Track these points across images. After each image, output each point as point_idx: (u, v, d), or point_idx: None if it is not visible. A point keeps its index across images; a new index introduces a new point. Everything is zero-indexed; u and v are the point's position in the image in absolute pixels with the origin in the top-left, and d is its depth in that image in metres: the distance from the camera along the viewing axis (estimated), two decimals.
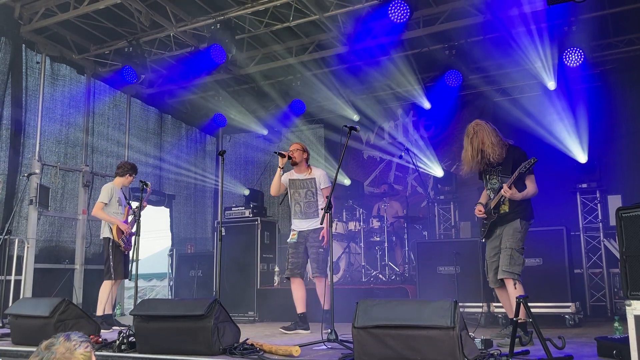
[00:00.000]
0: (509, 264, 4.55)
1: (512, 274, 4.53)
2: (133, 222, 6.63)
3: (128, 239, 6.57)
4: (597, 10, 7.49)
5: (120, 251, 6.55)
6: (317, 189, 6.07)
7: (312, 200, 6.06)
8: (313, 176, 6.11)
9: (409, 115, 10.67)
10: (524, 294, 4.15)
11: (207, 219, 11.85)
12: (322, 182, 6.08)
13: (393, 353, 3.27)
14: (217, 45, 7.80)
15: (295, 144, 6.29)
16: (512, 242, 4.60)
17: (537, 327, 3.60)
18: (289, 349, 3.92)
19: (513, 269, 4.53)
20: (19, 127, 7.95)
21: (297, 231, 6.07)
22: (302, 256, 6.02)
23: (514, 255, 4.55)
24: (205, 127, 11.53)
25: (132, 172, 6.87)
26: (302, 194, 6.10)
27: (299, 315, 5.96)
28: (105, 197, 6.57)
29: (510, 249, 4.58)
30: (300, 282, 6.03)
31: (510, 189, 4.53)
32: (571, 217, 7.84)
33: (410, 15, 6.83)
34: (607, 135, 8.60)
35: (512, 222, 4.66)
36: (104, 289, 6.53)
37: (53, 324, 4.66)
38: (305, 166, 6.18)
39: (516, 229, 4.63)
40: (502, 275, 4.59)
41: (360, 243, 8.28)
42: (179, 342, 4.05)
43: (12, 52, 7.91)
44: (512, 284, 4.54)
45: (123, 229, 6.52)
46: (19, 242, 7.59)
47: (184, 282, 9.07)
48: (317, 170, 6.20)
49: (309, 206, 6.06)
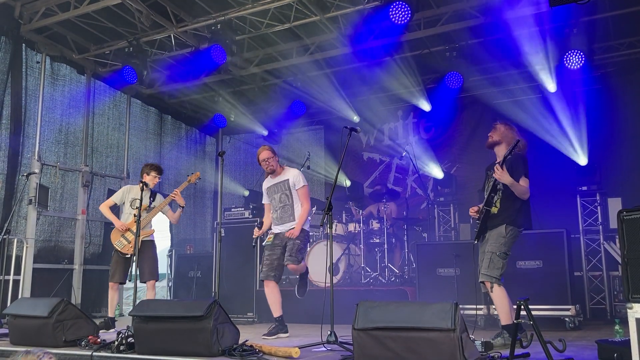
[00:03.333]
0: (487, 267, 4.60)
1: (490, 277, 4.57)
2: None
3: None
4: (598, 12, 7.49)
5: (118, 254, 6.29)
6: (290, 190, 5.81)
7: (288, 204, 5.81)
8: (286, 177, 5.86)
9: (409, 116, 10.66)
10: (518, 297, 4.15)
11: (206, 220, 11.84)
12: (296, 183, 5.80)
13: (393, 355, 3.25)
14: (217, 46, 7.79)
15: (265, 150, 5.87)
16: (495, 246, 4.64)
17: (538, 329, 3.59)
18: (289, 350, 3.91)
19: (491, 272, 4.58)
20: (18, 127, 7.93)
21: (274, 233, 5.87)
22: (279, 258, 5.75)
23: (493, 259, 4.59)
24: (205, 127, 11.53)
25: (149, 170, 6.48)
26: (277, 198, 5.87)
27: (276, 319, 5.77)
28: (116, 196, 6.47)
29: (491, 252, 4.62)
30: (274, 286, 5.75)
31: (502, 169, 4.55)
32: (571, 220, 7.83)
33: (411, 16, 6.81)
34: (608, 138, 8.59)
35: (498, 227, 4.69)
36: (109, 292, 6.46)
37: (52, 324, 4.64)
38: (279, 169, 5.92)
39: (500, 234, 4.66)
40: (481, 278, 4.66)
41: (359, 244, 8.26)
42: (178, 343, 4.04)
43: (12, 52, 7.89)
44: (489, 287, 4.60)
45: (118, 226, 6.24)
46: (18, 242, 7.58)
47: (183, 283, 9.05)
48: (291, 171, 5.94)
49: (285, 211, 5.81)
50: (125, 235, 6.26)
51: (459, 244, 7.18)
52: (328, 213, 4.70)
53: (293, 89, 10.00)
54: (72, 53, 8.78)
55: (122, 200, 6.43)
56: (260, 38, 8.74)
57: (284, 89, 10.25)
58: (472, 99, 9.76)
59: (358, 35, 7.90)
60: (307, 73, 9.39)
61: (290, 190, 5.83)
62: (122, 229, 6.26)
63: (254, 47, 9.09)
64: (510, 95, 9.40)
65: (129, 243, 6.23)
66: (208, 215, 11.89)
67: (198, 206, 11.69)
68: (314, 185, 10.66)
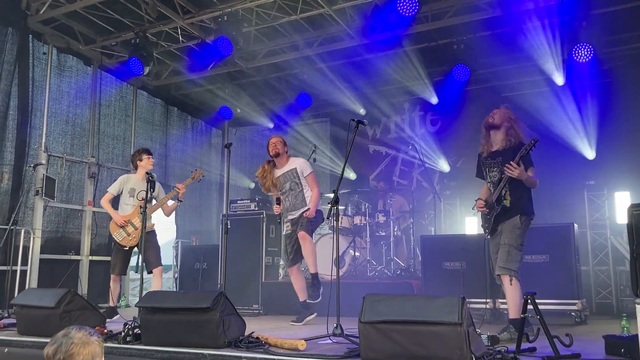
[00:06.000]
0: (506, 260, 4.53)
1: (509, 270, 4.51)
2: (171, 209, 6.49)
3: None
4: (607, 6, 7.42)
5: (118, 246, 6.21)
6: (299, 178, 6.05)
7: (298, 190, 6.05)
8: (294, 166, 6.10)
9: (415, 109, 10.62)
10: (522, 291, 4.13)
11: (212, 212, 11.86)
12: (304, 170, 6.08)
13: (399, 348, 3.25)
14: (224, 38, 7.78)
15: (276, 137, 6.21)
16: (511, 238, 4.58)
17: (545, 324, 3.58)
18: (295, 342, 3.91)
19: (510, 265, 4.51)
20: (25, 118, 7.96)
21: (290, 220, 6.10)
22: (296, 243, 6.02)
23: (511, 251, 4.53)
24: (211, 119, 11.53)
25: (140, 156, 6.42)
26: (287, 187, 6.08)
27: (302, 304, 6.02)
28: (113, 187, 6.37)
29: (509, 245, 4.56)
30: (298, 271, 6.10)
31: (519, 167, 4.47)
32: (578, 214, 7.80)
33: (418, 9, 6.79)
34: (616, 132, 8.51)
35: (512, 219, 4.63)
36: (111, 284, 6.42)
37: (58, 315, 4.66)
38: (285, 158, 6.16)
39: (515, 226, 4.61)
40: (499, 272, 4.59)
41: (365, 237, 8.26)
42: (184, 334, 4.05)
43: (19, 43, 7.91)
44: (507, 280, 4.53)
45: (116, 221, 6.14)
46: (25, 233, 7.61)
47: (189, 275, 9.07)
48: (297, 160, 6.21)
49: (296, 197, 6.05)
50: (125, 227, 6.17)
51: (464, 237, 7.16)
52: (334, 206, 4.70)
53: (299, 81, 9.97)
54: (78, 44, 8.78)
55: (119, 190, 6.31)
56: (267, 30, 8.71)
57: (290, 81, 10.23)
58: (479, 92, 9.69)
59: (365, 27, 7.87)
60: (314, 65, 9.36)
61: (299, 177, 6.06)
62: (121, 224, 6.15)
63: (260, 39, 9.06)
64: (518, 88, 9.33)
65: (128, 235, 6.15)
66: (214, 207, 11.91)
67: (204, 198, 11.71)
68: (320, 178, 10.62)
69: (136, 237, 6.13)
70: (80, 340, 2.12)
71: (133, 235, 6.15)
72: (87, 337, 2.14)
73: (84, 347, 2.12)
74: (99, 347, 2.16)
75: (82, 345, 2.12)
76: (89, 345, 2.13)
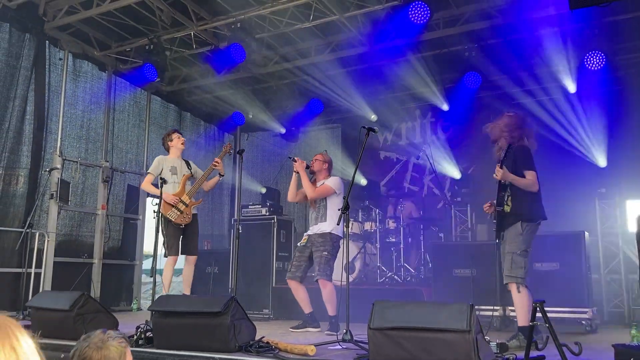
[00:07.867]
0: (510, 268, 4.55)
1: (515, 277, 4.52)
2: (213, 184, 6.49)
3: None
4: (620, 13, 7.40)
5: (172, 225, 6.00)
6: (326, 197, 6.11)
7: (322, 205, 6.11)
8: (323, 182, 6.18)
9: (427, 116, 10.63)
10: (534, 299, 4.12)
11: (223, 216, 11.94)
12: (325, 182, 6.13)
13: (408, 355, 3.28)
14: (237, 44, 7.86)
15: (321, 154, 6.37)
16: (513, 246, 4.59)
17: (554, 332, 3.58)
18: (304, 348, 3.95)
19: (514, 273, 4.52)
20: (41, 123, 8.10)
21: (308, 235, 6.15)
22: (306, 261, 6.06)
23: (515, 259, 4.54)
24: (224, 125, 11.60)
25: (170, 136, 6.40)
26: (315, 202, 6.17)
27: (307, 315, 6.04)
28: (152, 168, 6.25)
29: (511, 253, 4.57)
30: (298, 285, 6.03)
31: (501, 169, 4.53)
32: (589, 222, 7.76)
33: (430, 16, 6.82)
34: (628, 140, 8.45)
35: (513, 226, 4.64)
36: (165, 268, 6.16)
37: (72, 317, 4.74)
38: (324, 176, 6.23)
39: (517, 232, 4.61)
40: (505, 280, 4.60)
41: (375, 243, 8.28)
42: (195, 338, 4.10)
43: (36, 49, 8.06)
44: (515, 288, 4.53)
45: (167, 200, 5.94)
46: (40, 236, 7.71)
47: (200, 278, 9.11)
48: (332, 179, 6.19)
49: (319, 211, 6.12)
50: (176, 206, 6.04)
51: (475, 244, 7.17)
52: (345, 212, 4.74)
53: (311, 87, 10.03)
54: (93, 50, 8.91)
55: (159, 168, 6.19)
56: (280, 36, 8.78)
57: (302, 87, 10.28)
58: (491, 99, 9.67)
59: (377, 34, 7.91)
60: (326, 72, 9.40)
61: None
62: (174, 203, 6.00)
63: (273, 46, 9.13)
64: (530, 95, 9.31)
65: (181, 213, 6.05)
66: (225, 212, 11.98)
67: (216, 202, 11.79)
68: None
69: (189, 215, 6.12)
70: (95, 344, 2.16)
71: (186, 212, 6.08)
72: (103, 342, 2.18)
73: (97, 351, 2.16)
74: (115, 352, 2.19)
75: (96, 349, 2.16)
76: (102, 350, 2.17)
